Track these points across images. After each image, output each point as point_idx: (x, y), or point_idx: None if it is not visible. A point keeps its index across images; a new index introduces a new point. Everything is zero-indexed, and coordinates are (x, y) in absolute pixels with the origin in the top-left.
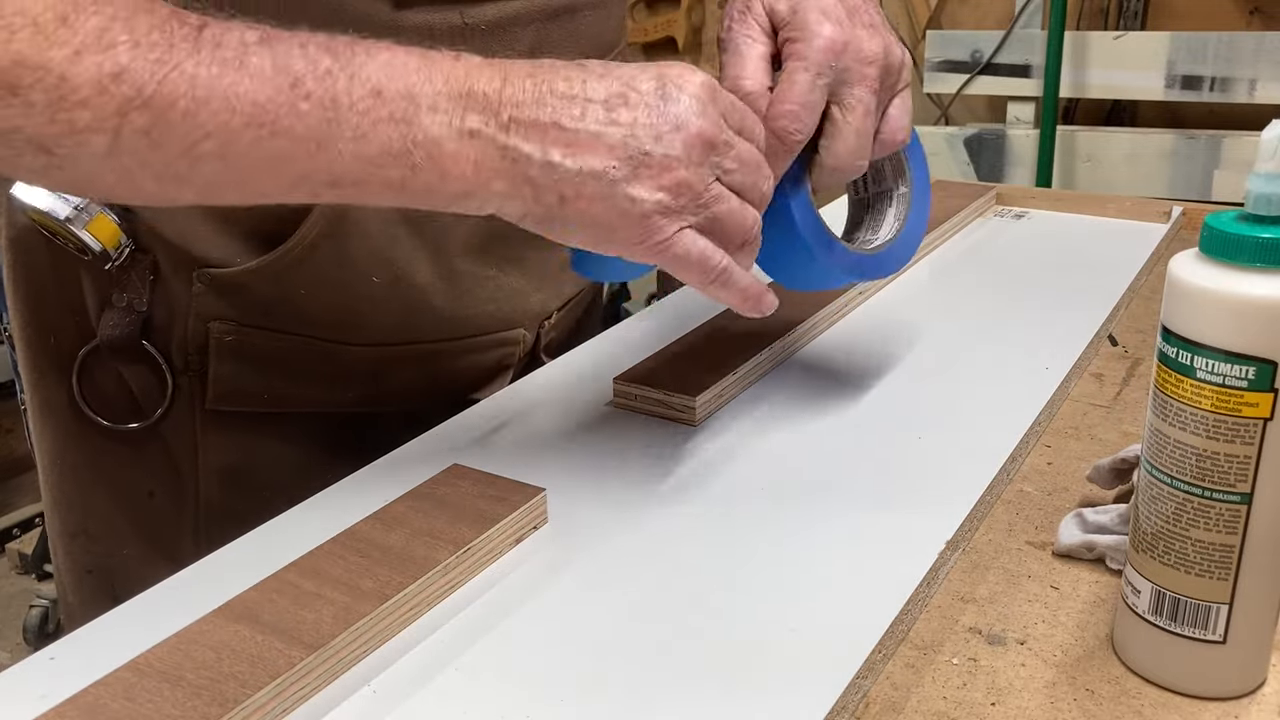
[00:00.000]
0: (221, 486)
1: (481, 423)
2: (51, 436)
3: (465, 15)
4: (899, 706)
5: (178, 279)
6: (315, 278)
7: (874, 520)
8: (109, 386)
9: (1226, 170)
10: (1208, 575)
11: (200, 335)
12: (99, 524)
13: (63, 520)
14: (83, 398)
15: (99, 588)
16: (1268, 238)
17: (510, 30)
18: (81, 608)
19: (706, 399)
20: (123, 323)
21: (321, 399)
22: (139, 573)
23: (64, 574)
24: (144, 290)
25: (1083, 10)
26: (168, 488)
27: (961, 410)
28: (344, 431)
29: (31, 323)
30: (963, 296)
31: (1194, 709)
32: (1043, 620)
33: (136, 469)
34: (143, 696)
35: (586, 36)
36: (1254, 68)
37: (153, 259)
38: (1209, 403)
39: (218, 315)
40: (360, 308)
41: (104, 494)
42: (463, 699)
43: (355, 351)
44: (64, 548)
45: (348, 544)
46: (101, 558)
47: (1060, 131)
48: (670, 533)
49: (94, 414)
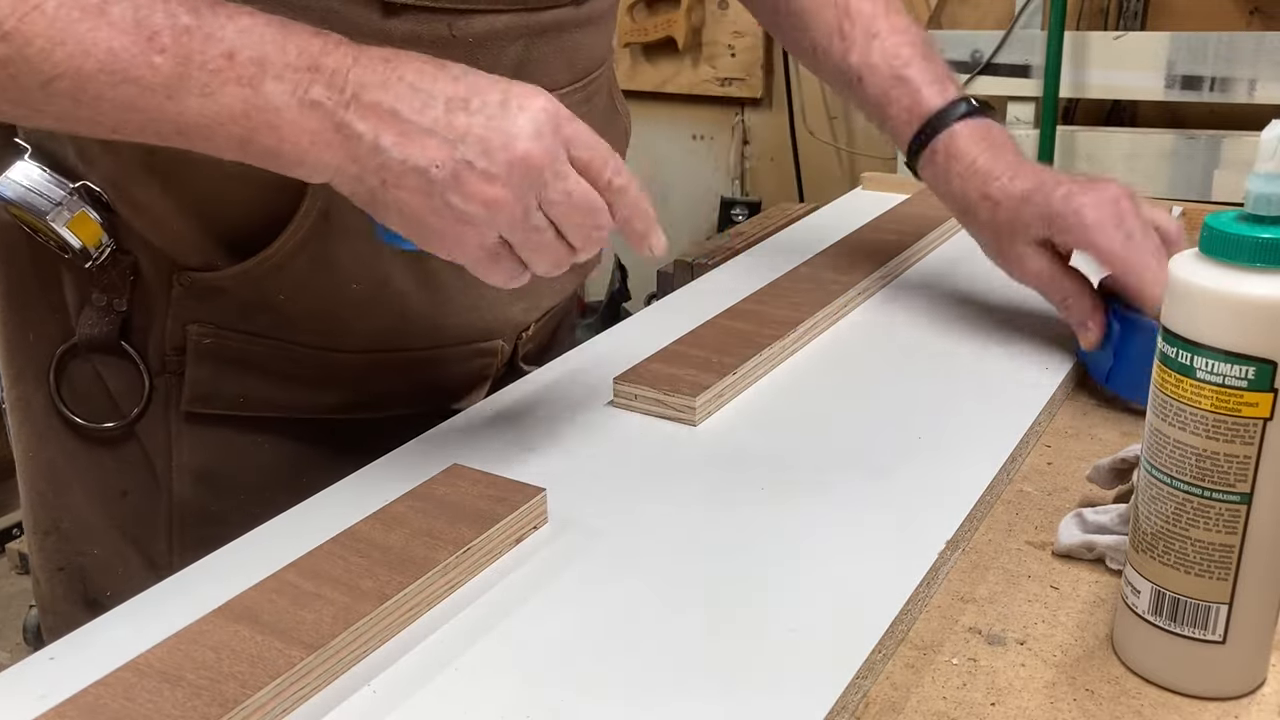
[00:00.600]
0: (196, 487)
1: (481, 423)
2: (28, 434)
3: (453, 27)
4: (899, 706)
5: (158, 281)
6: (296, 284)
7: (874, 520)
8: (86, 385)
9: (1226, 170)
10: (1207, 575)
11: (178, 337)
12: (72, 522)
13: (36, 518)
14: (60, 396)
15: (70, 585)
16: (1268, 238)
17: (497, 44)
18: (53, 605)
19: (706, 399)
20: (102, 322)
21: (298, 404)
22: (112, 571)
23: (37, 571)
24: (124, 290)
25: (1083, 10)
26: (142, 488)
27: (961, 410)
28: (320, 437)
29: (11, 320)
30: (963, 296)
31: (1194, 709)
32: (1043, 620)
33: (111, 468)
34: (143, 696)
35: (572, 52)
36: (1254, 68)
37: (133, 260)
38: (1209, 403)
39: (197, 318)
40: (340, 314)
41: (78, 492)
42: (463, 699)
43: (334, 357)
44: (38, 545)
45: (348, 544)
46: (73, 556)
47: (1060, 131)
48: (670, 533)
49: (70, 413)
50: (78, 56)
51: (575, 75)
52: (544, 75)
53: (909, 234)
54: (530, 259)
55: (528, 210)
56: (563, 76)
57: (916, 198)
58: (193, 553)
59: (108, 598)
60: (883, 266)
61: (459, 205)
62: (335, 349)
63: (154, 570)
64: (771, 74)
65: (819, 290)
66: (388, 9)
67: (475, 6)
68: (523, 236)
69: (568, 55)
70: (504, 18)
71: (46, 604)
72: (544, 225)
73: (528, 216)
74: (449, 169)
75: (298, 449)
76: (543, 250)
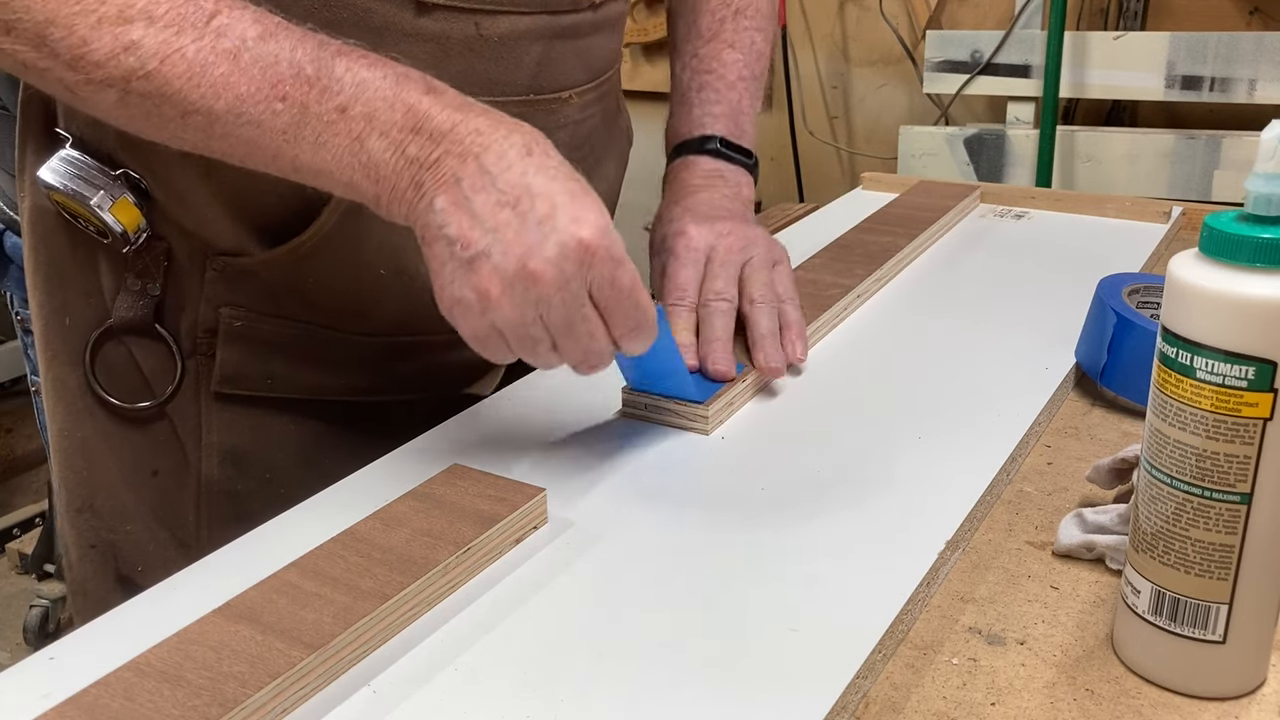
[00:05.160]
0: (223, 466)
1: (482, 423)
2: (63, 414)
3: (480, 27)
4: (899, 706)
5: (191, 265)
6: (325, 269)
7: (874, 520)
8: (120, 367)
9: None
10: (1207, 575)
11: (210, 320)
12: (105, 500)
13: (69, 496)
14: (94, 377)
15: (102, 563)
16: (1268, 238)
17: (520, 44)
18: (85, 583)
19: (718, 408)
20: (137, 305)
21: (323, 386)
22: (142, 548)
23: (70, 549)
24: (158, 275)
25: (1083, 10)
26: (172, 466)
27: (961, 410)
28: (343, 419)
29: (48, 303)
30: (963, 297)
31: (1194, 709)
32: (1043, 620)
33: (143, 447)
34: (143, 696)
35: (587, 54)
36: (1254, 68)
37: (168, 245)
38: (1209, 403)
39: (228, 301)
40: (365, 300)
41: (111, 471)
42: (463, 699)
43: (358, 341)
44: (70, 522)
45: (348, 544)
46: (105, 533)
47: (1060, 131)
48: (670, 532)
49: (105, 393)
50: (209, 97)
51: (590, 75)
52: (562, 75)
53: (905, 234)
54: (522, 355)
55: (524, 320)
56: (579, 76)
57: (910, 194)
58: (219, 530)
59: (139, 573)
60: (880, 268)
61: (460, 287)
62: (359, 333)
63: (182, 547)
64: (772, 74)
65: (818, 296)
66: (420, 8)
67: (501, 7)
68: (516, 340)
69: (584, 57)
70: (526, 19)
71: (78, 584)
72: (542, 336)
73: (525, 325)
74: (471, 253)
75: (319, 430)
76: (536, 355)
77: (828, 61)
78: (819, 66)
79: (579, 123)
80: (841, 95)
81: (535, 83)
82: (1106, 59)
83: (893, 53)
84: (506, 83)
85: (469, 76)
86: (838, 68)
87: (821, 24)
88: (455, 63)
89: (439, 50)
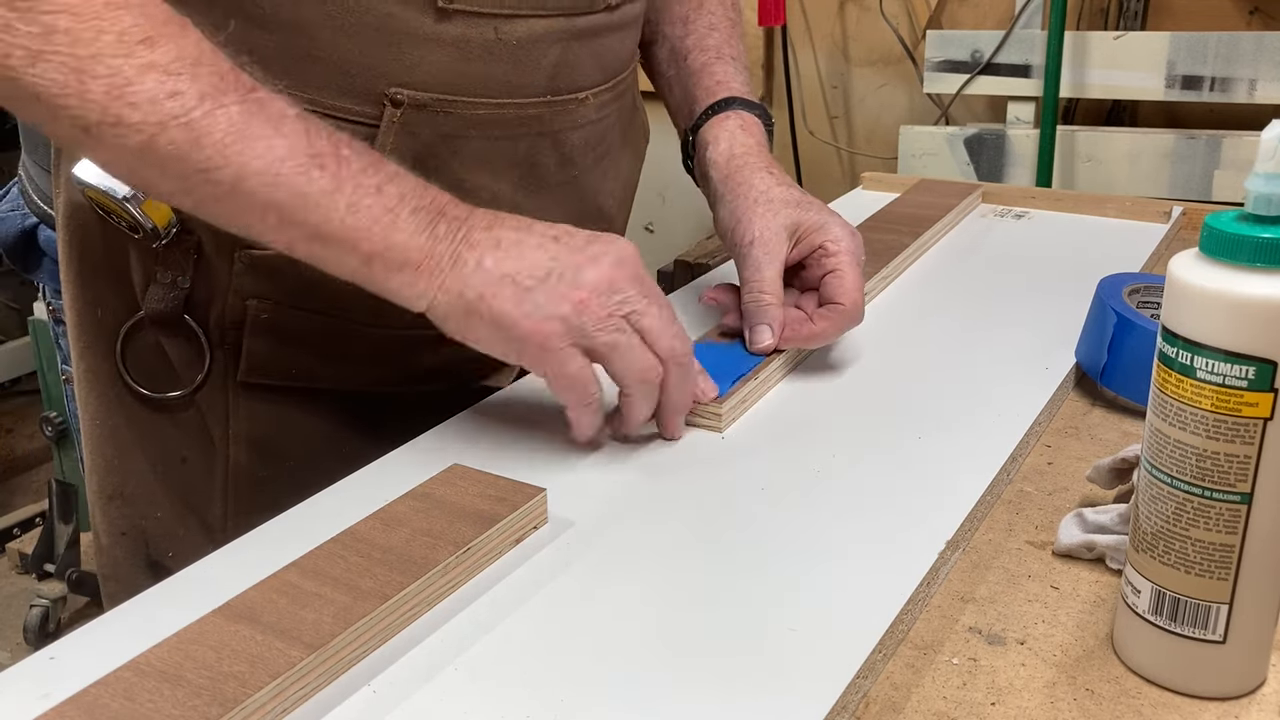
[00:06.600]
0: (250, 454)
1: (482, 422)
2: (95, 403)
3: (499, 30)
4: (899, 706)
5: (220, 259)
6: None
7: (874, 520)
8: (150, 357)
9: (1226, 170)
10: (1208, 575)
11: (238, 312)
12: (136, 487)
13: (101, 483)
14: (125, 367)
15: (133, 549)
16: (1268, 238)
17: (538, 47)
18: (115, 570)
19: (732, 404)
20: (167, 298)
21: (347, 377)
22: (172, 535)
23: (101, 535)
24: (187, 268)
25: (1083, 10)
26: (200, 454)
27: (961, 410)
28: (366, 409)
29: (81, 296)
30: (963, 296)
31: (1194, 709)
32: (1043, 620)
33: (172, 436)
34: (143, 696)
35: (604, 55)
36: (1254, 68)
37: (197, 240)
38: (1209, 403)
39: (255, 294)
40: None
41: (141, 459)
42: (463, 699)
43: (380, 334)
44: (101, 510)
45: (348, 544)
46: (136, 520)
47: (1060, 131)
48: (670, 532)
49: (135, 383)
50: (247, 154)
51: (606, 76)
52: (579, 76)
53: (910, 232)
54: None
55: (610, 313)
56: (596, 77)
57: (912, 192)
58: (244, 517)
59: (170, 558)
60: (886, 266)
61: (545, 305)
62: (381, 326)
63: (209, 534)
64: (772, 74)
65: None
66: (440, 13)
67: (519, 11)
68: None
69: (601, 58)
70: (544, 22)
71: (109, 570)
72: (627, 329)
73: (610, 320)
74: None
75: (342, 420)
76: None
77: (828, 61)
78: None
79: (595, 122)
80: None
81: (553, 84)
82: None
83: (893, 52)
84: (524, 85)
85: (487, 80)
86: (838, 67)
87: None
88: (474, 66)
89: (459, 54)
